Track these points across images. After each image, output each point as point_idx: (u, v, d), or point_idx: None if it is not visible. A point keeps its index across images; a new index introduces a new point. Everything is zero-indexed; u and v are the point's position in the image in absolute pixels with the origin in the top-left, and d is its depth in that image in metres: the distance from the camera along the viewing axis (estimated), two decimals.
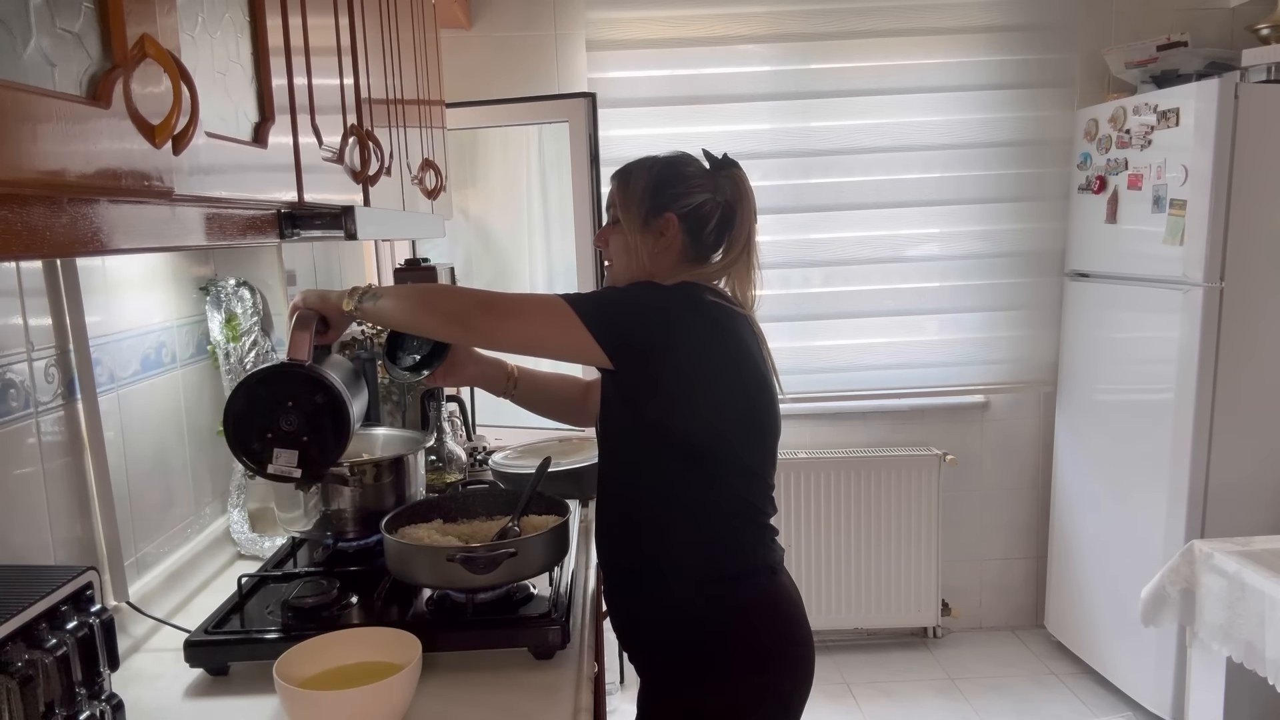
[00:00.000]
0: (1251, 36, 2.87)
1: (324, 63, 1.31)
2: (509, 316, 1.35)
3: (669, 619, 1.42)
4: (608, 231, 1.51)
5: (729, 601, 1.39)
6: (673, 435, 1.37)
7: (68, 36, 0.69)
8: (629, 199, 1.46)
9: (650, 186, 1.45)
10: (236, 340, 1.76)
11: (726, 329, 1.38)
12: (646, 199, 1.45)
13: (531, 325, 1.34)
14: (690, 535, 1.40)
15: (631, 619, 1.50)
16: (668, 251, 1.45)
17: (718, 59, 3.13)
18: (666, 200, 1.44)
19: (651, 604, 1.44)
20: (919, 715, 2.95)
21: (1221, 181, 2.53)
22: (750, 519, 1.43)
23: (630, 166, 1.50)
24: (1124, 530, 2.90)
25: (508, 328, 1.35)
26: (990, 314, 3.31)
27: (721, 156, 1.48)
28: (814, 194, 3.20)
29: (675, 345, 1.33)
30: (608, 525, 1.50)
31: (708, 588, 1.39)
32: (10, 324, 1.24)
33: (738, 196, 1.46)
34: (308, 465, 1.31)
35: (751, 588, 1.41)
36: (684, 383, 1.34)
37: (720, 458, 1.39)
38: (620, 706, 2.96)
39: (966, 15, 3.13)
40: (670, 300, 1.37)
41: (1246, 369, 2.62)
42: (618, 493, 1.48)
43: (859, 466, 3.24)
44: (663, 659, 1.45)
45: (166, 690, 1.29)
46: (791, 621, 1.43)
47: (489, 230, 3.17)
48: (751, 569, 1.42)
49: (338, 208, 1.25)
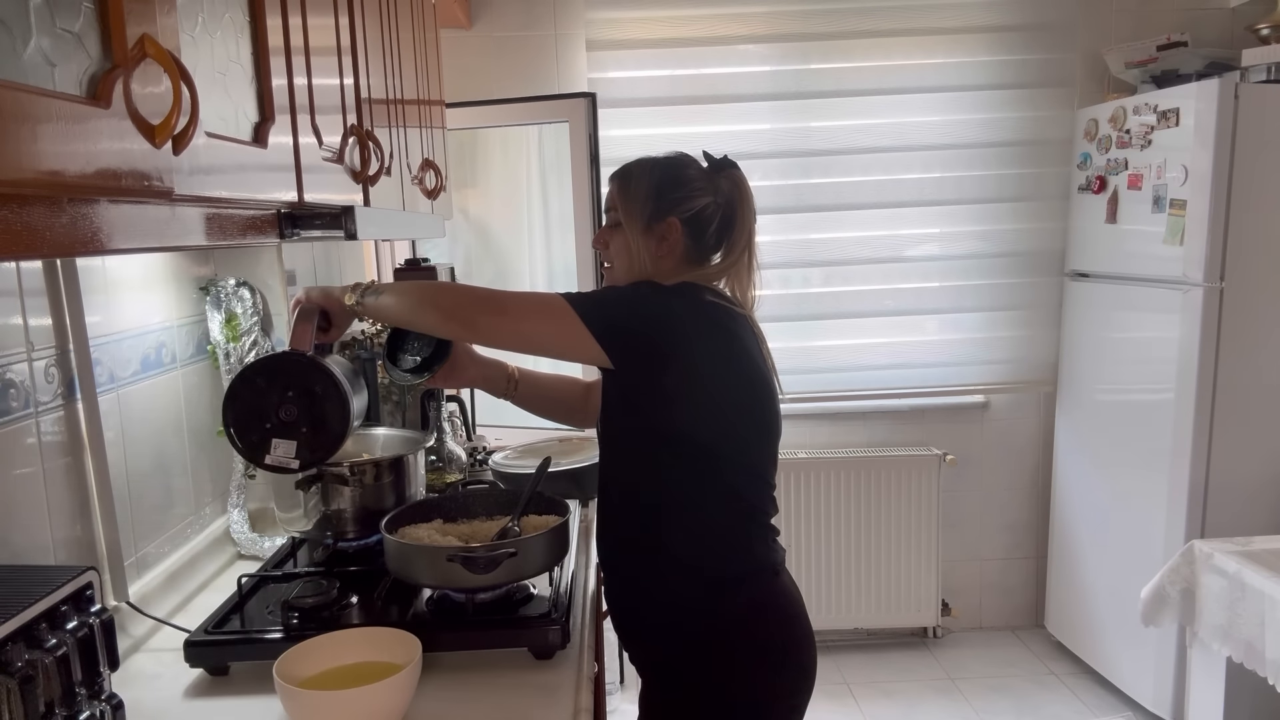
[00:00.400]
0: (1251, 36, 2.87)
1: (324, 63, 1.31)
2: (508, 314, 1.35)
3: (672, 620, 1.41)
4: (607, 233, 1.49)
5: (732, 602, 1.39)
6: (674, 436, 1.37)
7: (68, 36, 0.69)
8: (630, 202, 1.45)
9: (652, 190, 1.44)
10: (236, 340, 1.76)
11: (727, 329, 1.38)
12: (649, 203, 1.44)
13: (531, 323, 1.34)
14: (693, 536, 1.39)
15: (635, 620, 1.50)
16: (670, 255, 1.44)
17: (718, 59, 3.13)
18: (669, 204, 1.43)
19: (655, 605, 1.44)
20: (919, 715, 2.95)
21: (1221, 181, 2.53)
22: (752, 519, 1.43)
23: (630, 168, 1.49)
24: (1124, 530, 2.90)
25: (507, 325, 1.35)
26: (990, 314, 3.31)
27: (721, 158, 1.48)
28: (814, 194, 3.20)
29: (676, 345, 1.33)
30: (610, 527, 1.50)
31: (711, 588, 1.39)
32: (10, 324, 1.24)
33: (738, 198, 1.46)
34: (306, 455, 1.30)
35: (754, 588, 1.41)
36: (685, 383, 1.34)
37: (722, 458, 1.39)
38: (620, 706, 2.96)
39: (966, 15, 3.13)
40: (671, 300, 1.37)
41: (1246, 369, 2.62)
42: (620, 494, 1.47)
43: (859, 466, 3.24)
44: (666, 659, 1.45)
45: (166, 690, 1.29)
46: (794, 621, 1.43)
47: (489, 230, 3.17)
48: (754, 569, 1.42)
49: (338, 208, 1.25)
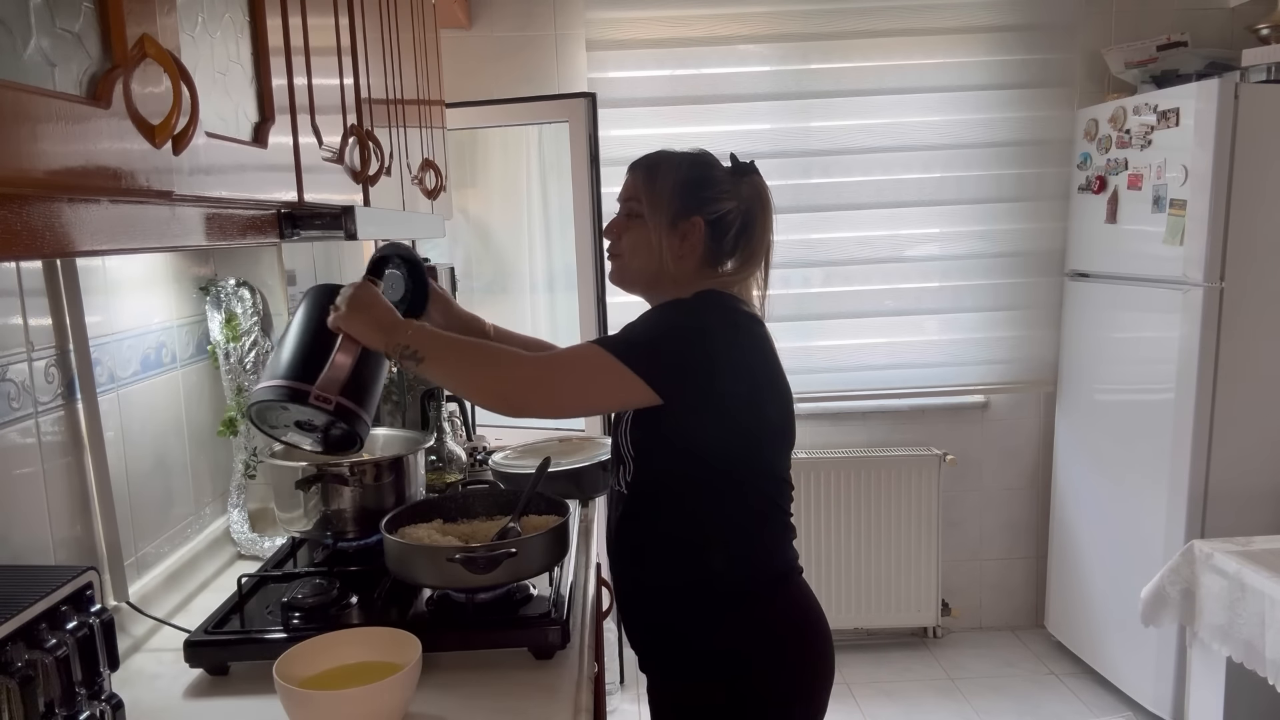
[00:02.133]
0: (1251, 36, 2.87)
1: (324, 63, 1.31)
2: (560, 389, 1.31)
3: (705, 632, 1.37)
4: (622, 225, 1.43)
5: (766, 607, 1.38)
6: (713, 450, 1.33)
7: (68, 36, 0.69)
8: (657, 196, 1.40)
9: (680, 186, 1.40)
10: (236, 340, 1.76)
11: (760, 337, 1.37)
12: (676, 198, 1.39)
13: (585, 389, 1.30)
14: (728, 545, 1.37)
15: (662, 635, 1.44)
16: (690, 255, 1.41)
17: (718, 59, 3.13)
18: (696, 203, 1.39)
19: (689, 619, 1.38)
20: (919, 715, 2.95)
21: (1221, 181, 2.53)
22: (780, 522, 1.42)
23: (656, 160, 1.43)
24: (1124, 530, 2.90)
25: (563, 400, 1.32)
26: (990, 314, 3.31)
27: (748, 162, 1.44)
28: (814, 194, 3.20)
29: (718, 368, 1.31)
30: (637, 544, 1.43)
31: (747, 597, 1.37)
32: (10, 324, 1.24)
33: (759, 205, 1.44)
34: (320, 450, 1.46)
35: (783, 590, 1.41)
36: (725, 400, 1.31)
37: (754, 466, 1.37)
38: (620, 706, 2.97)
39: (966, 15, 3.13)
40: (707, 321, 1.33)
41: (1246, 369, 2.62)
42: (649, 510, 1.40)
43: (859, 466, 3.24)
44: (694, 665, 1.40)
45: (166, 690, 1.29)
46: (819, 620, 1.43)
47: (489, 230, 3.17)
48: (783, 572, 1.42)
49: (338, 208, 1.25)
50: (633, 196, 1.43)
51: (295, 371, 1.32)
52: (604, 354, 1.28)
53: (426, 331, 1.32)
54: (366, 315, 1.31)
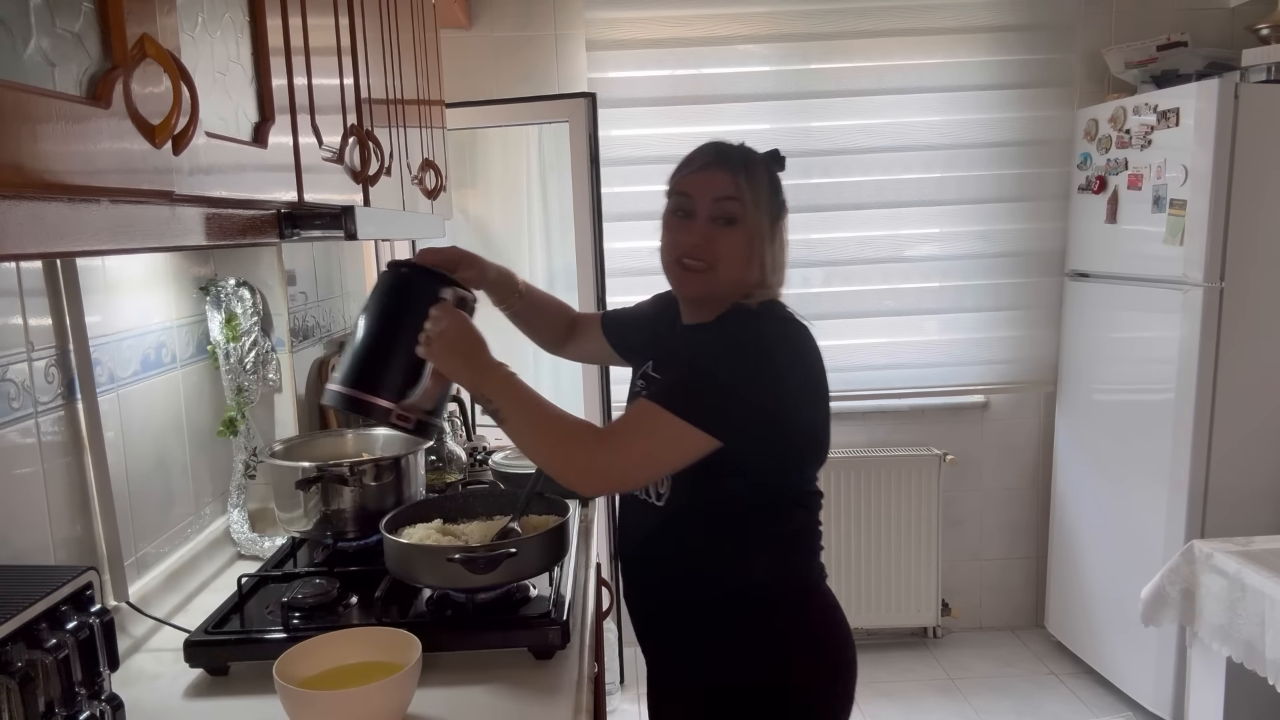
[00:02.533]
0: (1251, 36, 2.87)
1: (324, 63, 1.31)
2: (630, 475, 1.26)
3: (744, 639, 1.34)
4: (718, 232, 1.27)
5: (805, 613, 1.37)
6: (763, 470, 1.30)
7: (68, 36, 0.68)
8: (760, 195, 1.26)
9: (772, 184, 1.30)
10: (236, 340, 1.76)
11: (814, 351, 1.31)
12: (773, 198, 1.28)
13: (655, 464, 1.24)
14: (770, 557, 1.34)
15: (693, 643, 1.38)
16: (784, 264, 1.32)
17: (718, 59, 3.13)
18: (781, 201, 1.31)
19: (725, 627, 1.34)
20: (919, 715, 2.95)
21: (1221, 181, 2.53)
22: (816, 532, 1.41)
23: (746, 154, 1.30)
24: (1124, 530, 2.90)
25: (635, 483, 1.32)
26: (990, 314, 3.31)
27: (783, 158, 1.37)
28: (814, 194, 3.19)
29: (784, 406, 1.25)
30: (673, 556, 1.38)
31: (785, 605, 1.35)
32: (10, 324, 1.24)
33: None
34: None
35: (817, 596, 1.40)
36: (782, 427, 1.26)
37: (799, 482, 1.37)
38: (620, 706, 2.97)
39: (966, 15, 3.13)
40: (775, 350, 1.25)
41: (1246, 369, 2.62)
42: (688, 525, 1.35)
43: (859, 466, 3.24)
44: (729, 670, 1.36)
45: (166, 690, 1.29)
46: (844, 625, 1.42)
47: (489, 230, 3.17)
48: (816, 579, 1.41)
49: (338, 208, 1.25)
50: (733, 196, 1.26)
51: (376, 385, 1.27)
52: (666, 419, 1.19)
53: (511, 386, 1.25)
54: (459, 355, 1.25)
